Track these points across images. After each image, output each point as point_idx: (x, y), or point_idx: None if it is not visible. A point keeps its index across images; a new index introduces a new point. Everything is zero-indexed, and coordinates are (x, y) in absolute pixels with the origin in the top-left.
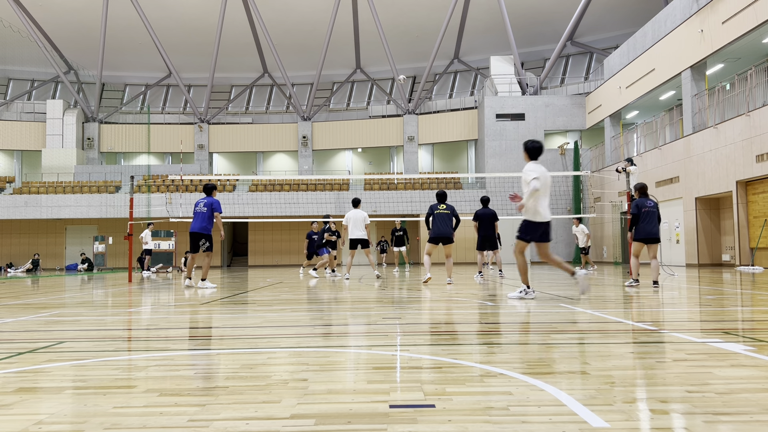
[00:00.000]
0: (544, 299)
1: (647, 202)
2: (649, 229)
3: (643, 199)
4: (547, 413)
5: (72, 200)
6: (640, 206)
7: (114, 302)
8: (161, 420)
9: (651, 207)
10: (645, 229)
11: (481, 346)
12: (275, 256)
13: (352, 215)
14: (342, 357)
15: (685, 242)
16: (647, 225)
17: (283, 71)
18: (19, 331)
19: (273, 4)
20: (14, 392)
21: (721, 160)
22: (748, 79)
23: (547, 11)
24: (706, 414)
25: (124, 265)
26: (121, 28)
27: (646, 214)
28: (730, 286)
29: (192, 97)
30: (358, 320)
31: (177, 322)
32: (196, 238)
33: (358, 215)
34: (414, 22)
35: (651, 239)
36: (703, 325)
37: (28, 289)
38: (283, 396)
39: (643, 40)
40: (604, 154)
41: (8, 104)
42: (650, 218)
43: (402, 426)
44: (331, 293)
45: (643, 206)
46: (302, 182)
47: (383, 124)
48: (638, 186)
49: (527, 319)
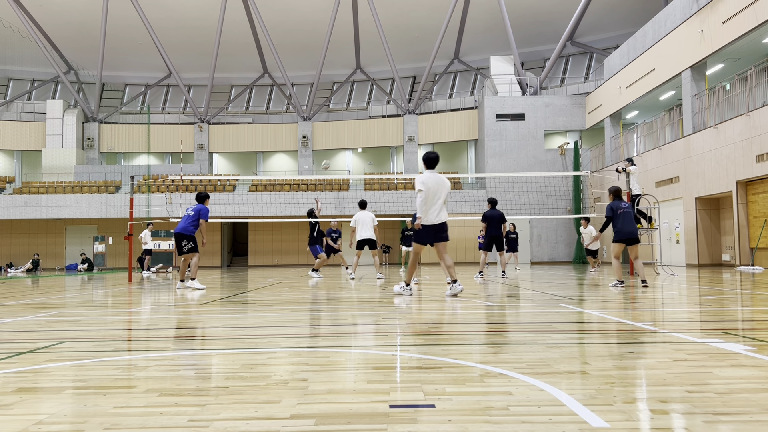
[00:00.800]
0: (544, 299)
1: (621, 203)
2: (630, 229)
3: (617, 201)
4: (547, 413)
5: (72, 200)
6: (615, 208)
7: (114, 302)
8: (161, 420)
9: (626, 208)
10: (625, 229)
11: (481, 346)
12: (275, 256)
13: (360, 216)
14: (342, 357)
15: (685, 242)
16: (626, 225)
17: (283, 71)
18: (19, 331)
19: (273, 4)
20: (14, 392)
21: (721, 160)
22: (748, 79)
23: (547, 11)
24: (706, 414)
25: (124, 265)
26: (121, 28)
27: (622, 215)
28: (730, 286)
29: (192, 97)
30: (358, 320)
31: (177, 322)
32: (179, 238)
33: (366, 216)
34: (414, 22)
35: (632, 239)
36: (703, 325)
37: (29, 289)
38: (283, 396)
39: (643, 40)
40: (604, 154)
41: (8, 104)
42: (627, 219)
43: (402, 426)
44: (331, 293)
45: (618, 208)
46: (302, 182)
47: (383, 124)
48: (612, 189)
49: (527, 319)
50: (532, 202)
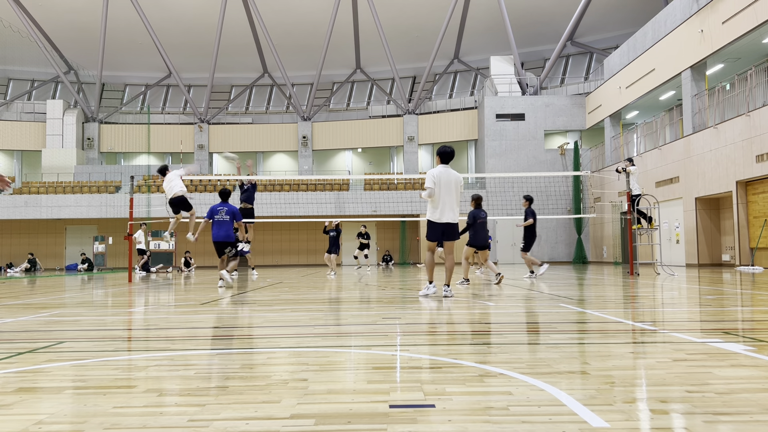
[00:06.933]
0: (544, 299)
1: (481, 213)
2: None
3: (478, 210)
4: (547, 413)
5: (72, 200)
6: (476, 217)
7: (114, 302)
8: (161, 420)
9: (483, 218)
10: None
11: (481, 346)
12: (275, 256)
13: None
14: (342, 357)
15: (685, 242)
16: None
17: (283, 71)
18: (19, 331)
19: (273, 4)
20: (14, 392)
21: (721, 160)
22: (748, 79)
23: (547, 11)
24: (706, 414)
25: (124, 265)
26: (121, 28)
27: (480, 224)
28: (730, 286)
29: (192, 97)
30: (358, 320)
31: (177, 322)
32: (223, 246)
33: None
34: (414, 22)
35: (482, 246)
36: (703, 325)
37: (29, 289)
38: (283, 396)
39: (643, 40)
40: (604, 154)
41: (8, 104)
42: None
43: (402, 426)
44: (332, 293)
45: (477, 217)
46: (302, 182)
47: (383, 124)
48: (474, 197)
49: (527, 319)
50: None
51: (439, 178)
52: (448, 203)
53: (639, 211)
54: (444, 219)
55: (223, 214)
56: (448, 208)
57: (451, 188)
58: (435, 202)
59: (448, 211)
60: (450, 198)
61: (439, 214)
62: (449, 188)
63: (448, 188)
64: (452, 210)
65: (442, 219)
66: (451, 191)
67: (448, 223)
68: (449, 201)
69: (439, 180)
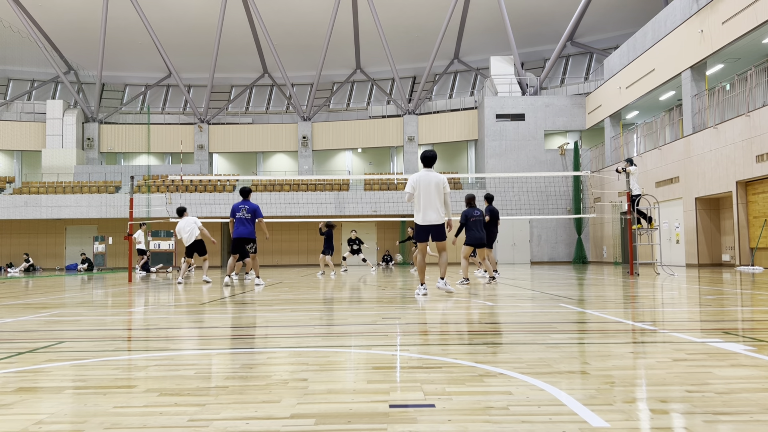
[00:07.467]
0: (544, 299)
1: (474, 211)
2: (478, 236)
3: (471, 209)
4: (547, 413)
5: (72, 200)
6: (469, 216)
7: (114, 302)
8: (161, 420)
9: (478, 216)
10: (474, 235)
11: (480, 346)
12: (275, 256)
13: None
14: (342, 357)
15: (685, 242)
16: (476, 232)
17: (283, 71)
18: (19, 331)
19: (273, 4)
20: (14, 392)
21: (721, 161)
22: (748, 79)
23: (547, 11)
24: (706, 414)
25: (124, 265)
26: (121, 28)
27: (474, 223)
28: (729, 286)
29: (192, 97)
30: (358, 320)
31: (177, 322)
32: (244, 242)
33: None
34: (414, 22)
35: (479, 244)
36: (703, 325)
37: (29, 289)
38: (283, 396)
39: (643, 41)
40: (604, 154)
41: (8, 104)
42: (478, 226)
43: (402, 426)
44: (331, 293)
45: (471, 216)
46: (302, 182)
47: (383, 125)
48: (467, 197)
49: (527, 319)
50: (532, 202)
51: (418, 182)
52: (430, 205)
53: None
54: (427, 220)
55: (244, 212)
56: (431, 209)
57: (431, 190)
58: (417, 204)
59: (430, 212)
60: (431, 200)
61: (422, 216)
62: (429, 191)
63: (427, 191)
64: (436, 211)
65: (426, 220)
66: (432, 193)
67: (432, 224)
68: (431, 203)
69: (418, 184)
